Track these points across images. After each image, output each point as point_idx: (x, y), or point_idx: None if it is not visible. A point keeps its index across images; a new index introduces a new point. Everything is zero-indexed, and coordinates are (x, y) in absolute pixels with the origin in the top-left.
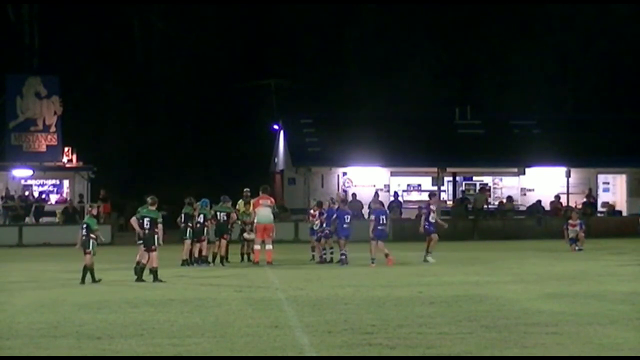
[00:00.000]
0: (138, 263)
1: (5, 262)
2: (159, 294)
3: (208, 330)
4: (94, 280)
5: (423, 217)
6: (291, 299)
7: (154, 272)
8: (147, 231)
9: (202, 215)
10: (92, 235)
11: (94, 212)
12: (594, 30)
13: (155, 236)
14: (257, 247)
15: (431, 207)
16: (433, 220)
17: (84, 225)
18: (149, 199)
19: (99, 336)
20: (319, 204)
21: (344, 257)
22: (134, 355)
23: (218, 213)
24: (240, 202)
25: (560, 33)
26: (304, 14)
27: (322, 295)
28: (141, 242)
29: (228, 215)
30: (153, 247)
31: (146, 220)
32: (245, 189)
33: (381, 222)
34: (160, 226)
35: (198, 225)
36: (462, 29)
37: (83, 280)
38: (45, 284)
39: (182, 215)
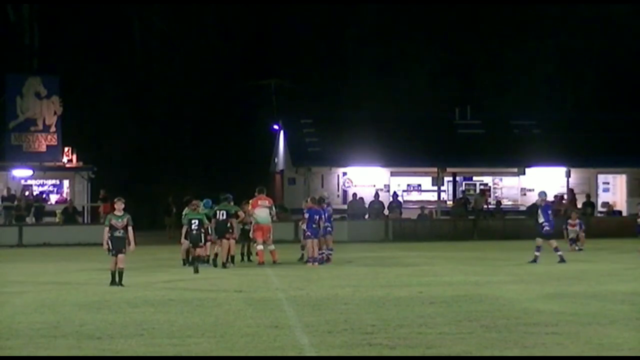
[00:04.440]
0: (219, 258)
1: (5, 262)
2: (159, 294)
3: (208, 330)
4: (196, 270)
5: None
6: (291, 299)
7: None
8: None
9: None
10: (202, 230)
11: (200, 209)
12: (594, 30)
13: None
14: (260, 247)
15: None
16: None
17: (195, 221)
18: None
19: (99, 336)
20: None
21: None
22: (134, 355)
23: (217, 212)
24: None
25: (560, 33)
26: (304, 14)
27: (322, 295)
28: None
29: (227, 214)
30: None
31: (221, 213)
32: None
33: (314, 221)
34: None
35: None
36: (462, 29)
37: (197, 270)
38: (45, 284)
39: (184, 216)
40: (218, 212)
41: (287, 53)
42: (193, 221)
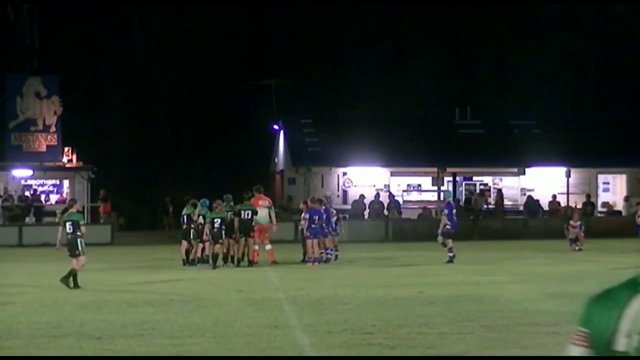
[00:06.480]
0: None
1: (5, 262)
2: (159, 294)
3: (208, 330)
4: (217, 265)
5: None
6: (291, 299)
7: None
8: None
9: (201, 217)
10: (223, 227)
11: (217, 206)
12: (594, 30)
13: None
14: (256, 247)
15: None
16: None
17: (218, 220)
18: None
19: (99, 336)
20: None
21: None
22: (134, 355)
23: (242, 211)
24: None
25: (560, 33)
26: (304, 14)
27: (322, 295)
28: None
29: (252, 213)
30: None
31: (246, 212)
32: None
33: (314, 221)
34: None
35: (200, 226)
36: (462, 29)
37: (219, 265)
38: (45, 284)
39: (184, 217)
40: (243, 211)
41: (287, 53)
42: (215, 220)
